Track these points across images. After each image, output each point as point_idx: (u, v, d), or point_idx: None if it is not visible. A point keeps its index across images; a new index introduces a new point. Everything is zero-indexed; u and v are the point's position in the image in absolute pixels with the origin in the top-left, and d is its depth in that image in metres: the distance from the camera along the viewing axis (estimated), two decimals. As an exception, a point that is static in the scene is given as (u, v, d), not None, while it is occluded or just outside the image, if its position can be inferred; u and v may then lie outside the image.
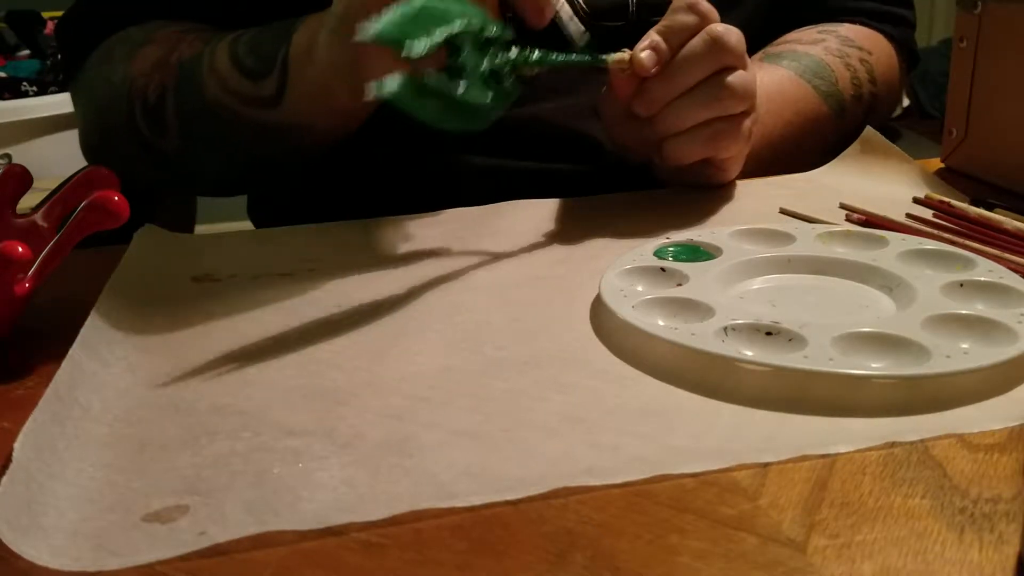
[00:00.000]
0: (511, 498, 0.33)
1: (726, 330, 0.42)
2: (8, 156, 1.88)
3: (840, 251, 0.51)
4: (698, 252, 0.52)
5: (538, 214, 0.62)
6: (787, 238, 0.53)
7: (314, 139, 0.66)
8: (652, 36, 0.58)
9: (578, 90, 0.74)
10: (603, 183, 0.68)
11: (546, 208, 0.64)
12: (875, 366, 0.40)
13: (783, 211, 0.62)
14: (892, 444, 0.36)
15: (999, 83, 0.67)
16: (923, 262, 0.49)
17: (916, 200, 0.62)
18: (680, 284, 0.48)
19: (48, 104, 1.95)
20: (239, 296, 0.53)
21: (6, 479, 0.33)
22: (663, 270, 0.49)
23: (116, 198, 0.44)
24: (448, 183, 0.74)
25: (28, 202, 0.50)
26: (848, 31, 0.80)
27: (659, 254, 0.52)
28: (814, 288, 0.49)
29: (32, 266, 0.44)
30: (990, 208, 0.59)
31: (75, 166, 0.78)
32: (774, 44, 0.79)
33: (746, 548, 0.31)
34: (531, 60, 0.53)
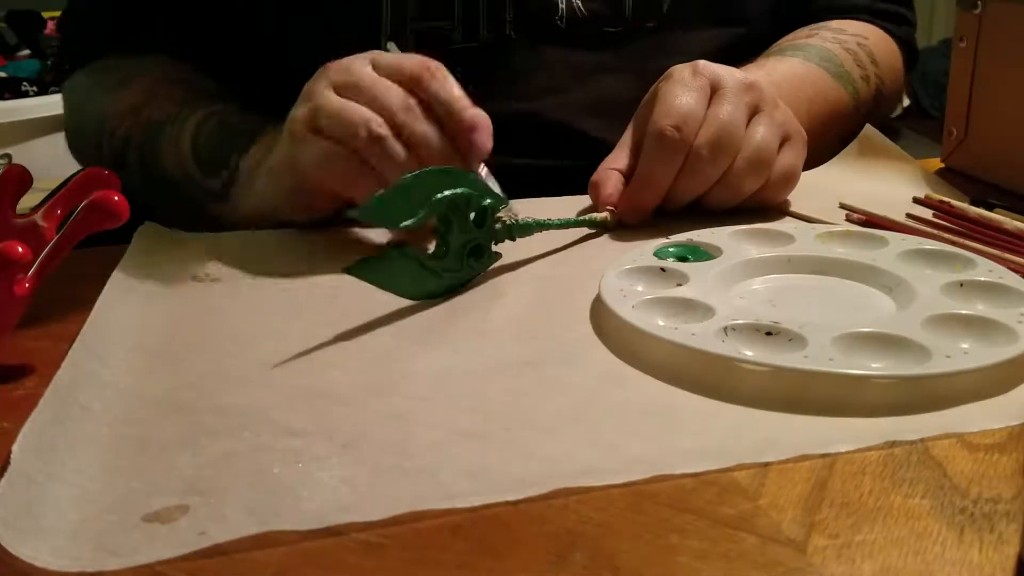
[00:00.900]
0: (511, 498, 0.33)
1: (726, 330, 0.42)
2: (8, 156, 1.88)
3: (840, 251, 0.51)
4: (698, 252, 0.52)
5: (538, 214, 0.62)
6: (787, 238, 0.53)
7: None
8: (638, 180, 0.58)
9: (576, 87, 0.74)
10: None
11: (546, 208, 0.64)
12: (875, 366, 0.40)
13: (783, 211, 0.62)
14: (892, 444, 0.36)
15: (999, 83, 0.67)
16: (923, 262, 0.49)
17: (916, 200, 0.62)
18: (680, 284, 0.48)
19: (48, 104, 1.95)
20: (239, 296, 0.53)
21: (5, 480, 0.33)
22: (663, 270, 0.49)
23: (116, 198, 0.44)
24: None
25: (28, 202, 0.50)
26: (838, 24, 0.80)
27: (659, 254, 0.52)
28: (814, 288, 0.49)
29: (32, 266, 0.44)
30: (990, 208, 0.59)
31: (75, 166, 0.78)
32: (771, 47, 0.79)
33: (746, 548, 0.31)
34: (525, 227, 0.55)
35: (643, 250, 0.52)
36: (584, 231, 0.59)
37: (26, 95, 2.01)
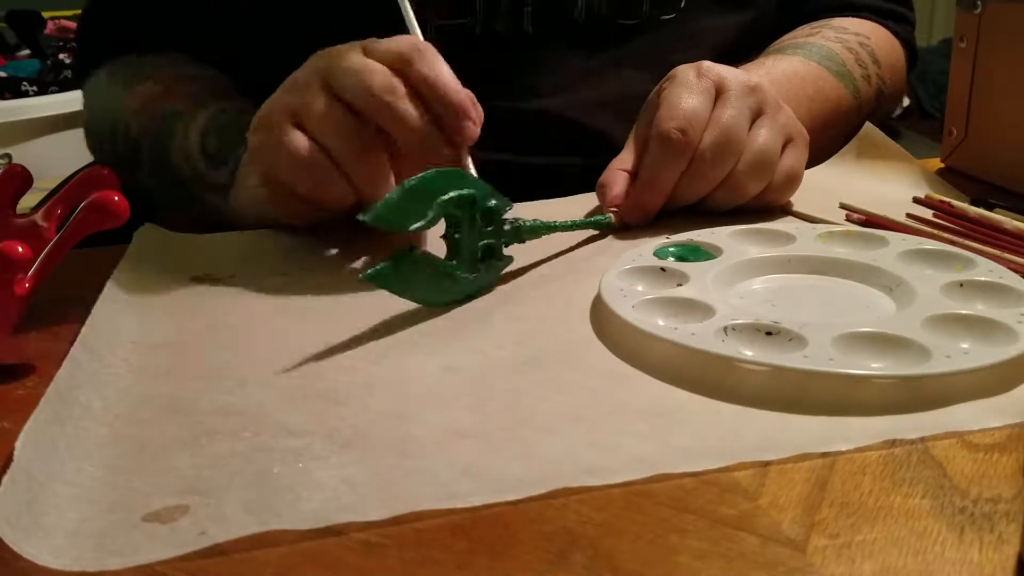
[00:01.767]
0: (511, 498, 0.33)
1: (726, 330, 0.42)
2: (8, 156, 1.88)
3: (840, 251, 0.51)
4: (698, 252, 0.52)
5: (537, 213, 0.62)
6: (787, 238, 0.53)
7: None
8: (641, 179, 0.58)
9: (586, 84, 0.74)
10: None
11: (545, 208, 0.64)
12: (875, 366, 0.40)
13: (783, 211, 0.62)
14: (892, 444, 0.36)
15: (999, 83, 0.67)
16: (923, 262, 0.49)
17: (916, 200, 0.62)
18: (680, 284, 0.48)
19: (48, 104, 1.95)
20: (239, 296, 0.53)
21: (7, 478, 0.33)
22: (663, 270, 0.49)
23: (116, 198, 0.44)
24: None
25: (28, 202, 0.50)
26: (839, 22, 0.80)
27: (659, 254, 0.52)
28: (814, 288, 0.49)
29: (32, 266, 0.44)
30: (990, 208, 0.59)
31: (75, 166, 0.79)
32: (772, 45, 0.79)
33: (746, 548, 0.31)
34: (534, 228, 0.54)
35: (643, 250, 0.52)
36: (587, 232, 0.59)
37: (26, 95, 2.01)
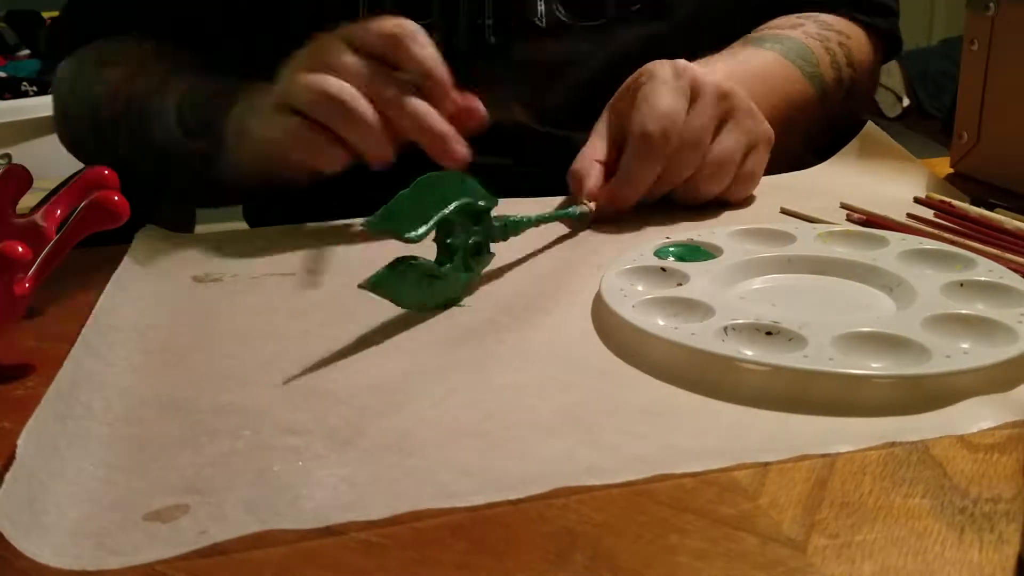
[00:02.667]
0: (511, 498, 0.33)
1: (726, 330, 0.42)
2: (8, 156, 1.88)
3: (840, 251, 0.51)
4: (698, 252, 0.52)
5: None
6: (787, 238, 0.53)
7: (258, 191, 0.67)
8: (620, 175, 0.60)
9: (555, 89, 0.74)
10: None
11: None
12: (875, 366, 0.40)
13: (783, 211, 0.62)
14: (892, 444, 0.36)
15: (1013, 86, 0.66)
16: (923, 262, 0.49)
17: (917, 200, 0.62)
18: (680, 284, 0.48)
19: (48, 104, 1.94)
20: (239, 296, 0.53)
21: (9, 477, 0.33)
22: (663, 270, 0.49)
23: (116, 198, 0.44)
24: None
25: (28, 202, 0.50)
26: (827, 19, 0.80)
27: (659, 254, 0.52)
28: (814, 288, 0.49)
29: (32, 266, 0.44)
30: (991, 208, 0.59)
31: (75, 166, 0.79)
32: (755, 31, 0.79)
33: (746, 548, 0.31)
34: (519, 224, 0.55)
35: (643, 250, 0.52)
36: (578, 231, 0.60)
37: (26, 95, 2.01)
